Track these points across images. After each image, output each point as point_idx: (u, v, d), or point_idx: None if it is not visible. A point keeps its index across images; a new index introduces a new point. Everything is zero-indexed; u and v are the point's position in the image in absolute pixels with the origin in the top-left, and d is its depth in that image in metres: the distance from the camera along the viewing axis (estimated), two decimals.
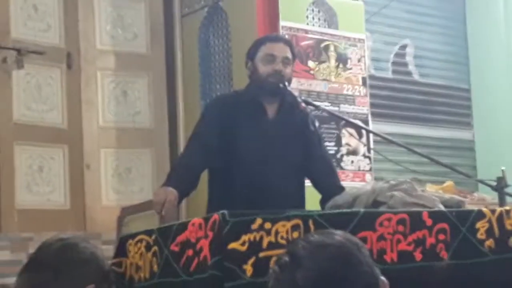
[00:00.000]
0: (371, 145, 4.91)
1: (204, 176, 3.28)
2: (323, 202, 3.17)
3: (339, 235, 1.64)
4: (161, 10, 5.20)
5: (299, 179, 3.32)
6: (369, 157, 4.96)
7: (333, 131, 4.82)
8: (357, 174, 4.91)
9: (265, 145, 3.19)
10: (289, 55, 3.23)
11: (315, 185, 3.35)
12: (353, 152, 4.91)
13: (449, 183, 4.66)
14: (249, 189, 3.16)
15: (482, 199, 4.64)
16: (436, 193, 3.24)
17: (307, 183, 3.38)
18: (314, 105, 3.39)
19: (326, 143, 4.60)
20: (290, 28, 4.75)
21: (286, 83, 3.19)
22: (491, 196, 3.55)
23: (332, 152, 4.74)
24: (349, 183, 4.63)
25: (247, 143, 3.18)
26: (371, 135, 4.90)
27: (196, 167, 3.17)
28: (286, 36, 4.57)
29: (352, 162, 4.91)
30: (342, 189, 3.19)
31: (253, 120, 3.22)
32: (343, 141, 4.87)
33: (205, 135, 3.23)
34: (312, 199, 3.31)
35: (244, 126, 3.20)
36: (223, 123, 3.21)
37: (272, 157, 3.19)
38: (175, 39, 5.15)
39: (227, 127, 3.20)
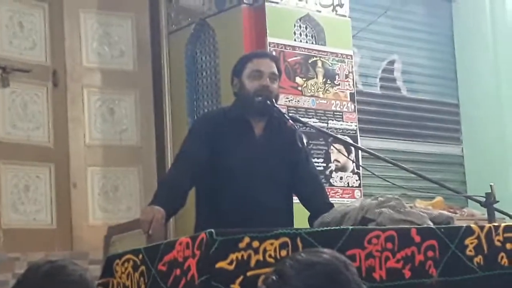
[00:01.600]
0: (360, 162, 4.90)
1: (192, 194, 3.25)
2: (311, 219, 3.15)
3: (326, 253, 1.65)
4: (148, 27, 5.20)
5: (287, 197, 3.30)
6: (358, 173, 4.95)
7: (322, 147, 4.81)
8: (346, 191, 4.89)
9: (252, 163, 3.17)
10: (276, 70, 3.24)
11: (303, 202, 3.32)
12: (342, 169, 4.90)
13: (438, 198, 4.67)
14: (237, 207, 3.13)
15: (471, 214, 4.64)
16: (425, 209, 3.22)
17: (296, 200, 3.36)
18: (301, 122, 3.38)
19: (315, 160, 4.59)
20: (278, 45, 4.75)
21: (274, 100, 3.17)
22: (481, 212, 3.54)
23: (321, 168, 4.73)
24: (338, 200, 4.63)
25: (234, 161, 3.16)
26: (359, 151, 4.89)
27: (183, 185, 3.14)
28: (273, 53, 4.58)
29: (341, 178, 4.90)
30: (330, 206, 3.17)
31: (241, 138, 3.20)
32: (332, 158, 4.86)
33: (192, 152, 3.20)
34: (301, 216, 3.29)
35: (231, 144, 3.19)
36: (210, 140, 3.19)
37: (260, 175, 3.17)
38: (162, 56, 5.14)
39: (214, 145, 3.18)
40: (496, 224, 2.70)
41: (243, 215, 3.08)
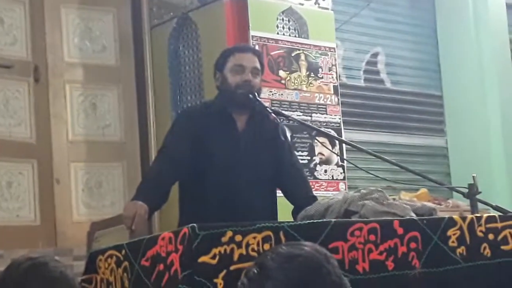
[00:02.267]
0: (344, 155, 4.90)
1: (176, 188, 3.24)
2: (295, 213, 3.15)
3: (307, 246, 1.67)
4: (130, 21, 5.17)
5: (270, 190, 3.30)
6: (342, 166, 4.95)
7: (306, 140, 4.80)
8: (331, 184, 4.89)
9: (235, 157, 3.17)
10: (258, 65, 3.23)
11: (287, 195, 3.33)
12: (326, 162, 4.90)
13: (423, 190, 4.67)
14: (220, 202, 3.13)
15: (456, 205, 4.65)
16: (410, 201, 3.23)
17: (279, 193, 3.35)
18: (284, 115, 3.37)
19: (299, 153, 4.59)
20: (260, 38, 4.73)
21: (256, 94, 3.16)
22: (466, 203, 3.54)
23: (305, 161, 4.73)
24: (323, 193, 4.62)
25: (217, 155, 3.16)
26: (343, 144, 4.89)
27: (166, 180, 3.13)
28: (256, 46, 4.56)
29: (326, 171, 4.90)
30: (314, 199, 3.18)
31: (223, 132, 3.20)
32: (316, 151, 4.86)
33: (174, 147, 3.20)
34: (285, 209, 3.28)
35: (214, 138, 3.18)
36: (192, 135, 3.18)
37: (243, 169, 3.16)
38: (144, 50, 5.11)
39: (197, 139, 3.18)
40: (478, 215, 2.70)
41: (227, 210, 3.09)
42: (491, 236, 2.65)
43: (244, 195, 3.14)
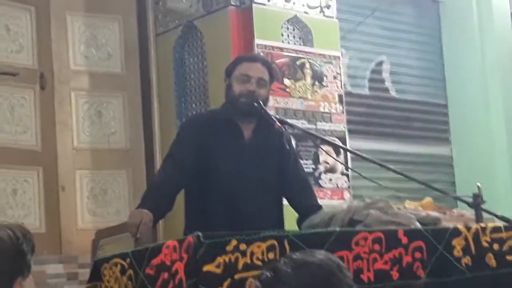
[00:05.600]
0: (349, 163, 4.89)
1: (181, 196, 3.24)
2: (300, 222, 3.14)
3: (321, 254, 1.71)
4: (135, 29, 5.19)
5: (276, 199, 3.29)
6: (347, 175, 4.95)
7: (311, 149, 4.81)
8: (336, 192, 4.89)
9: (241, 166, 3.16)
10: (266, 76, 3.20)
11: (292, 204, 3.32)
12: (331, 170, 4.90)
13: (428, 199, 4.65)
14: (226, 210, 3.12)
15: (461, 215, 4.62)
16: (415, 210, 3.23)
17: (285, 202, 3.35)
18: (289, 124, 3.37)
19: (304, 161, 4.59)
20: (265, 46, 4.74)
21: (261, 103, 3.16)
22: (471, 212, 3.54)
23: (310, 170, 4.73)
24: (327, 201, 4.62)
25: (223, 164, 3.15)
26: (348, 153, 4.89)
27: (171, 189, 3.12)
28: (261, 54, 4.57)
29: (330, 180, 4.90)
30: (318, 208, 3.17)
31: (229, 141, 3.19)
32: (321, 159, 4.86)
33: (180, 155, 3.19)
34: (291, 218, 3.28)
35: (220, 146, 3.17)
36: (198, 143, 3.18)
37: (249, 178, 3.15)
38: (149, 58, 5.13)
39: (203, 147, 3.17)
40: (483, 225, 2.70)
41: (233, 219, 3.08)
42: (496, 246, 2.65)
43: (249, 204, 3.13)
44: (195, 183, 3.17)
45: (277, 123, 3.17)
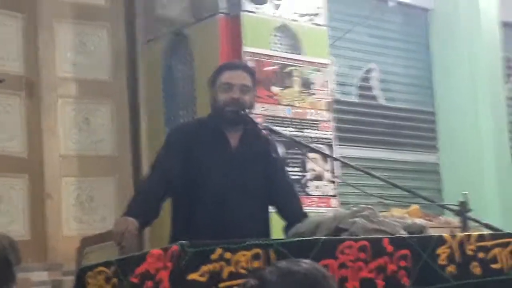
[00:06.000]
0: (336, 171, 4.89)
1: (168, 204, 3.23)
2: (286, 229, 3.15)
3: (306, 263, 1.71)
4: (124, 36, 5.18)
5: (263, 207, 3.29)
6: (334, 182, 4.95)
7: (298, 156, 4.80)
8: (322, 200, 4.89)
9: (228, 174, 3.17)
10: (248, 82, 3.21)
11: (279, 212, 3.32)
12: (318, 178, 4.90)
13: (414, 207, 4.67)
14: (212, 219, 3.12)
15: (447, 222, 4.64)
16: (401, 217, 3.23)
17: (272, 210, 3.35)
18: (275, 132, 3.37)
19: (291, 169, 4.58)
20: (254, 54, 4.74)
21: (247, 110, 3.16)
22: (457, 220, 3.55)
23: (297, 177, 4.72)
24: (314, 209, 4.61)
25: (210, 173, 3.16)
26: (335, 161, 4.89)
27: (157, 197, 3.13)
28: (249, 62, 4.57)
29: (317, 187, 4.89)
30: (305, 215, 3.18)
31: (216, 149, 3.19)
32: (308, 167, 4.86)
33: (167, 164, 3.19)
34: (278, 225, 3.28)
35: (206, 155, 3.18)
36: (185, 152, 3.18)
37: (235, 187, 3.16)
38: (138, 65, 5.12)
39: (190, 156, 3.17)
40: (468, 233, 2.70)
41: (219, 227, 3.08)
42: (481, 255, 2.65)
43: (236, 213, 3.13)
44: (181, 191, 3.18)
45: (263, 131, 3.18)
